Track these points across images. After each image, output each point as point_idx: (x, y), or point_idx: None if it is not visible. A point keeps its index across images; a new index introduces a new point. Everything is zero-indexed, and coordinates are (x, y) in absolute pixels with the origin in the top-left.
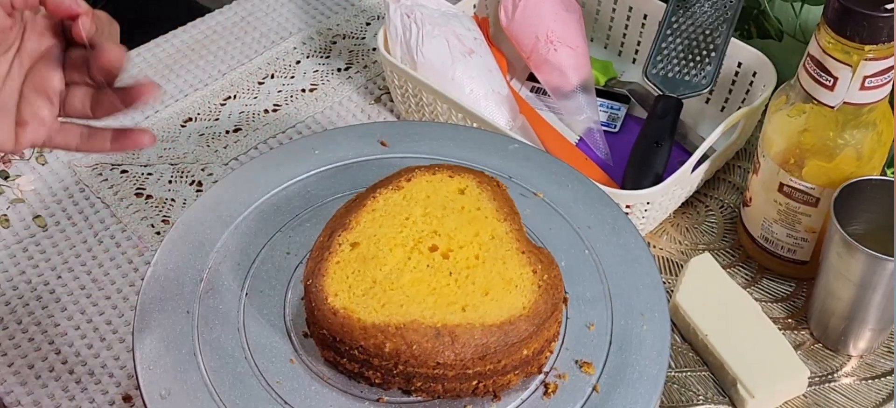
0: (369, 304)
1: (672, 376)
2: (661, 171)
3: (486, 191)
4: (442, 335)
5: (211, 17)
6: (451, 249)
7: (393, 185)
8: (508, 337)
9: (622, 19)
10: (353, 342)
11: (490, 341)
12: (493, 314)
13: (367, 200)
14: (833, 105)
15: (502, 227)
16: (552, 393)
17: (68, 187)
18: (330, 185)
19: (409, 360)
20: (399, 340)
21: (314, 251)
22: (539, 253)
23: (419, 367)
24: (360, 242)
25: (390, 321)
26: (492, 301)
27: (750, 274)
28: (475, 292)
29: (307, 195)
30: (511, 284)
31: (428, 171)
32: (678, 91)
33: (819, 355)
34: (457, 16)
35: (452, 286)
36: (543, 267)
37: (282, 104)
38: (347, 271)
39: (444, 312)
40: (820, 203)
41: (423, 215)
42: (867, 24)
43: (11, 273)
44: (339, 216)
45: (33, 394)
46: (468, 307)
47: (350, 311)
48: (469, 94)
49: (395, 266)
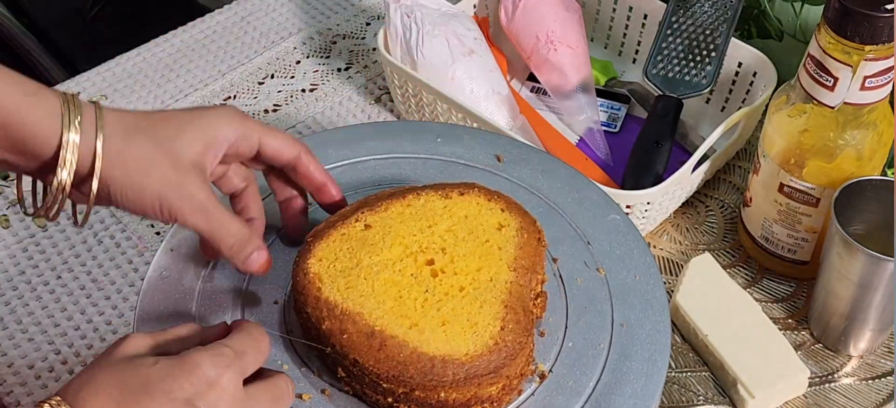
0: (338, 281)
1: (672, 376)
2: (662, 171)
3: (521, 237)
4: (374, 338)
5: (211, 17)
6: (444, 272)
7: (444, 191)
8: (432, 372)
9: (622, 19)
10: (304, 306)
11: (410, 368)
12: (432, 345)
13: (410, 194)
14: (833, 105)
15: (507, 275)
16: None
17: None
18: (426, 170)
19: (336, 345)
20: (336, 323)
21: (335, 216)
22: (523, 316)
23: (342, 357)
24: (373, 226)
25: (341, 304)
26: (442, 333)
27: (750, 274)
28: (434, 318)
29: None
30: (472, 328)
31: (485, 194)
32: (678, 91)
33: (819, 356)
34: (457, 16)
35: (417, 303)
36: (515, 329)
37: (282, 104)
38: (344, 246)
39: (391, 320)
40: (820, 203)
41: (446, 230)
42: (867, 25)
43: (11, 273)
44: (380, 196)
45: (33, 394)
46: (415, 327)
47: (317, 277)
48: (469, 95)
49: (384, 261)
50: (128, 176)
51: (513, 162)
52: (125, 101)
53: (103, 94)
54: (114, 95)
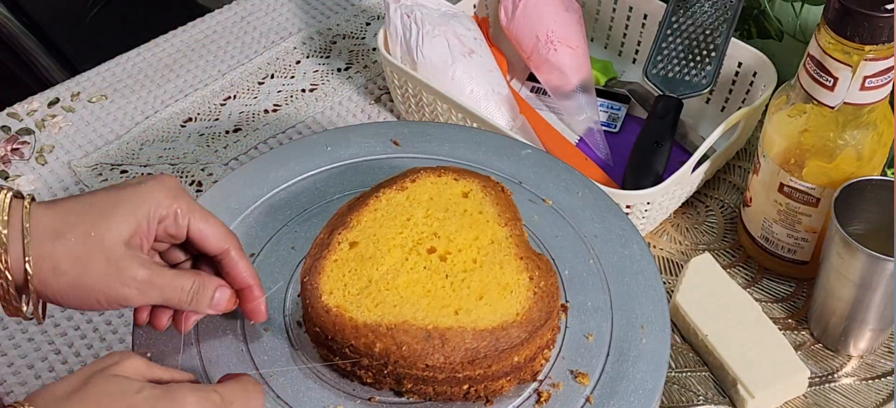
0: (363, 303)
1: (672, 376)
2: (662, 171)
3: (489, 195)
4: (432, 338)
5: (211, 17)
6: (450, 252)
7: (397, 185)
8: (499, 343)
9: (622, 19)
10: (345, 341)
11: (480, 346)
12: (485, 319)
13: (370, 200)
14: (833, 105)
15: (503, 231)
16: (545, 402)
17: (68, 188)
18: (340, 182)
19: (399, 360)
20: (389, 340)
21: (313, 248)
22: (538, 259)
23: (409, 368)
24: (359, 242)
25: (382, 321)
26: (485, 306)
27: (750, 274)
28: (469, 296)
29: (316, 192)
30: (506, 289)
31: (433, 172)
32: (678, 91)
33: (819, 356)
34: (457, 16)
35: (447, 289)
36: (541, 274)
37: (282, 104)
38: (344, 270)
39: (437, 314)
40: (820, 203)
41: (424, 217)
42: (867, 25)
43: None
44: (341, 215)
45: None
46: (461, 311)
47: (343, 309)
48: (469, 95)
49: (392, 267)
50: (64, 281)
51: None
52: (125, 100)
53: (103, 94)
54: (114, 95)
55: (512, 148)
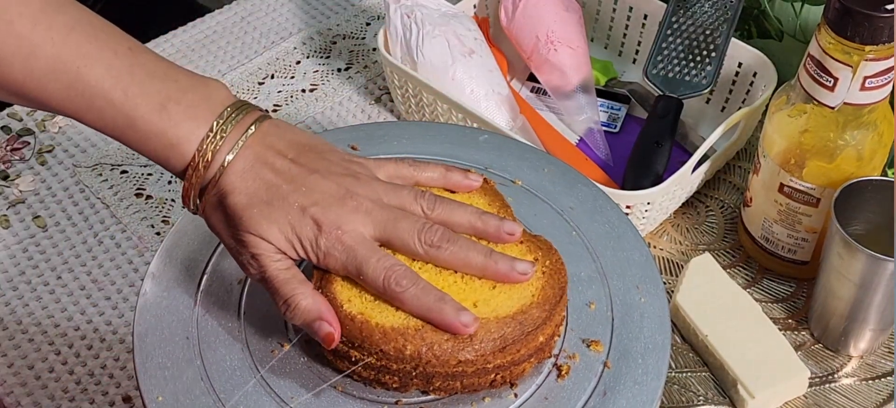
0: (383, 307)
1: (672, 376)
2: (662, 171)
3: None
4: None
5: (211, 17)
6: None
7: None
8: (524, 326)
9: (622, 19)
10: (373, 347)
11: (507, 333)
12: (504, 306)
13: None
14: (833, 105)
15: None
16: (566, 375)
17: (68, 188)
18: None
19: (430, 360)
20: (419, 341)
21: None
22: (537, 240)
23: (440, 367)
24: None
25: (408, 323)
26: (501, 294)
27: (750, 274)
28: (483, 287)
29: None
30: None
31: None
32: (678, 91)
33: (819, 356)
34: (457, 16)
35: (460, 283)
36: (544, 253)
37: (282, 104)
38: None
39: None
40: (820, 203)
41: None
42: (867, 25)
43: (11, 273)
44: None
45: (33, 395)
46: (479, 302)
47: (367, 316)
48: (469, 95)
49: None
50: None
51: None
52: None
53: None
54: None
55: (470, 136)
